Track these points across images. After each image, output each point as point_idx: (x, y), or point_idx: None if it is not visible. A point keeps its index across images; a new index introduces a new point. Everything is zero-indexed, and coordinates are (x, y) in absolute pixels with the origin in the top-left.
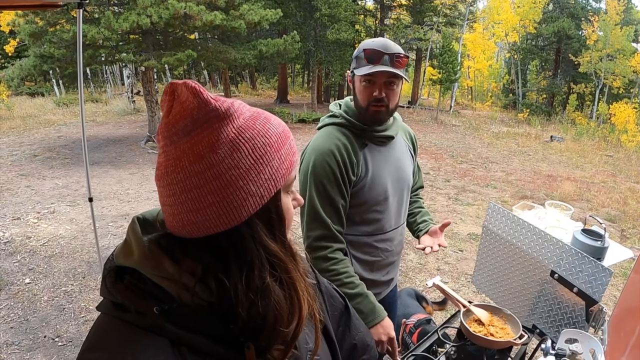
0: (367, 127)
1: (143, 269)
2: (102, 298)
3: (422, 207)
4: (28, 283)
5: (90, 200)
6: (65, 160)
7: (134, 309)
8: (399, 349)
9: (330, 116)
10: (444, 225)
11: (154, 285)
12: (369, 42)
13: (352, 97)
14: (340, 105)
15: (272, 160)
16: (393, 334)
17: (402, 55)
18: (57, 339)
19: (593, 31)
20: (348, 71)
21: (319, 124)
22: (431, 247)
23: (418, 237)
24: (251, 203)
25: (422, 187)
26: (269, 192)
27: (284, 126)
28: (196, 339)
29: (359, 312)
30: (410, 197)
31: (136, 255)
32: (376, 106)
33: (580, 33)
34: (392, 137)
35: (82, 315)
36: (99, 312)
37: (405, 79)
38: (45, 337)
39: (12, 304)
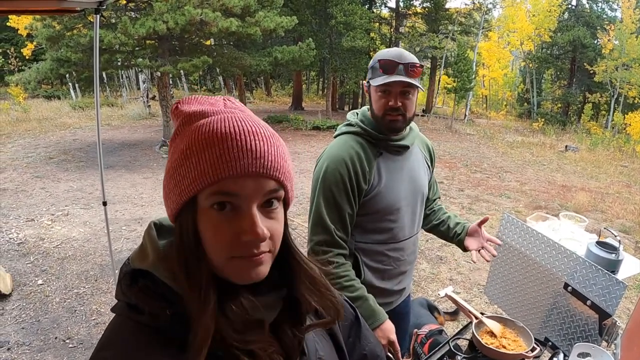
0: (383, 136)
1: (157, 272)
2: (116, 300)
3: (448, 213)
4: (40, 284)
5: (105, 204)
6: (80, 163)
7: (148, 311)
8: (410, 359)
9: (347, 125)
10: (482, 222)
11: (167, 288)
12: (383, 53)
13: (369, 106)
14: (357, 114)
15: (189, 159)
16: (393, 337)
17: (417, 65)
18: (67, 341)
19: (609, 40)
20: (364, 81)
21: (336, 132)
22: (483, 249)
23: (459, 242)
24: (171, 204)
25: (439, 197)
26: (181, 197)
27: (231, 126)
28: None
29: None
30: (432, 207)
31: (151, 259)
32: (392, 115)
33: (595, 42)
34: (407, 147)
35: (93, 318)
36: (113, 314)
37: (420, 88)
38: (56, 338)
39: (24, 304)
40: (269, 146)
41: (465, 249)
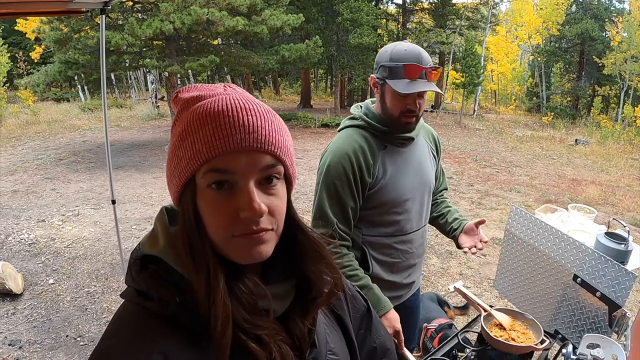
0: (387, 129)
1: (167, 258)
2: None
3: (450, 207)
4: (52, 284)
5: (113, 202)
6: (90, 164)
7: (157, 297)
8: (419, 353)
9: (351, 118)
10: (479, 223)
11: (177, 275)
12: (403, 54)
13: (372, 99)
14: (361, 107)
15: (185, 140)
16: (398, 326)
17: (437, 68)
18: (78, 339)
19: (617, 32)
20: (372, 75)
21: (340, 126)
22: (474, 247)
23: (454, 238)
24: (173, 187)
25: (446, 189)
26: (180, 179)
27: (224, 104)
28: None
29: None
30: (436, 199)
31: (161, 244)
32: (408, 117)
33: (604, 34)
34: (412, 139)
35: (104, 316)
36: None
37: (438, 91)
38: (67, 336)
39: (35, 303)
40: (262, 121)
41: (458, 246)
